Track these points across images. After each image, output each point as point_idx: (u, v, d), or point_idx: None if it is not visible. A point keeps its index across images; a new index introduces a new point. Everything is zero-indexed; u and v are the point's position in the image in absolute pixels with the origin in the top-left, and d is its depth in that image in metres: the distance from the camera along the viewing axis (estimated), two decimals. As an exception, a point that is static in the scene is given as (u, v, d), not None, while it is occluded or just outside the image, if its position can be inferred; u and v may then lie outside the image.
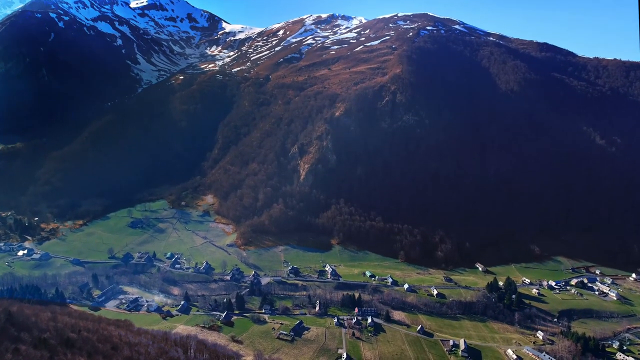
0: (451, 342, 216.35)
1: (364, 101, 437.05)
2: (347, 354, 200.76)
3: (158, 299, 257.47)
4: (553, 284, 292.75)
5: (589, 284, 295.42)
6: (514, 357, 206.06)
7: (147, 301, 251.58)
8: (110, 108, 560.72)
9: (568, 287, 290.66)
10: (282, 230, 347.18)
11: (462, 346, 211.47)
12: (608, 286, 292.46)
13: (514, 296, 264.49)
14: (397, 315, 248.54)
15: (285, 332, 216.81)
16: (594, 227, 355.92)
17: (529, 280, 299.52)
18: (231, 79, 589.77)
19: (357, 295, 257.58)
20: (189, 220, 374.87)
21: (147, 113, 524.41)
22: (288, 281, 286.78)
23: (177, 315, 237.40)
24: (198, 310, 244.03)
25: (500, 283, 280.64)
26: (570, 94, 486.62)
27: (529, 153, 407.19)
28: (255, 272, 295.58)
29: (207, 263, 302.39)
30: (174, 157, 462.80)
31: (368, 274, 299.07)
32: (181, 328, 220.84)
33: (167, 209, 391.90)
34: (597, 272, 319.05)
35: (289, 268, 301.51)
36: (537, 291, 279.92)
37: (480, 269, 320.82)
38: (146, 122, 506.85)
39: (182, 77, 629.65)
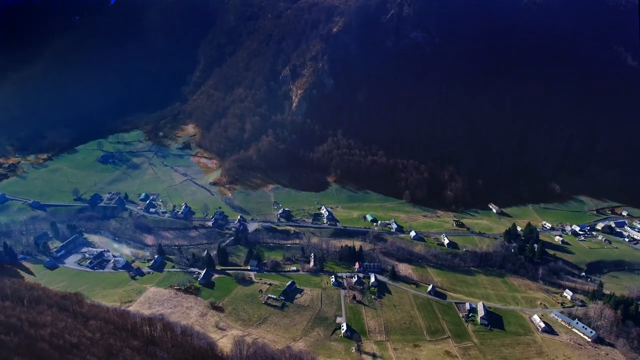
0: (467, 306, 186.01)
1: (365, 15, 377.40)
2: (347, 324, 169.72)
3: (128, 251, 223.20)
4: (577, 229, 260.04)
5: (617, 229, 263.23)
6: (541, 324, 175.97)
7: (113, 256, 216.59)
8: (78, 23, 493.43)
9: (594, 233, 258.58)
10: (272, 166, 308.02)
11: (481, 312, 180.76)
12: (639, 231, 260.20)
13: (536, 246, 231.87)
14: (403, 268, 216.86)
15: (275, 296, 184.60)
16: (622, 161, 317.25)
17: (549, 225, 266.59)
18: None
19: (357, 246, 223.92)
20: (167, 154, 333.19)
21: (119, 29, 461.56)
22: (278, 227, 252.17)
23: (149, 273, 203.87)
24: (173, 266, 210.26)
25: (519, 229, 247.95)
26: (599, 7, 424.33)
27: (551, 76, 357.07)
28: (241, 216, 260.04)
29: (186, 206, 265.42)
30: (151, 81, 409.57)
31: (369, 217, 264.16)
32: (152, 291, 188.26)
33: (143, 140, 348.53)
34: (624, 213, 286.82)
35: (280, 211, 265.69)
36: (561, 239, 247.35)
37: (494, 210, 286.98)
38: (119, 39, 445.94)
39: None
